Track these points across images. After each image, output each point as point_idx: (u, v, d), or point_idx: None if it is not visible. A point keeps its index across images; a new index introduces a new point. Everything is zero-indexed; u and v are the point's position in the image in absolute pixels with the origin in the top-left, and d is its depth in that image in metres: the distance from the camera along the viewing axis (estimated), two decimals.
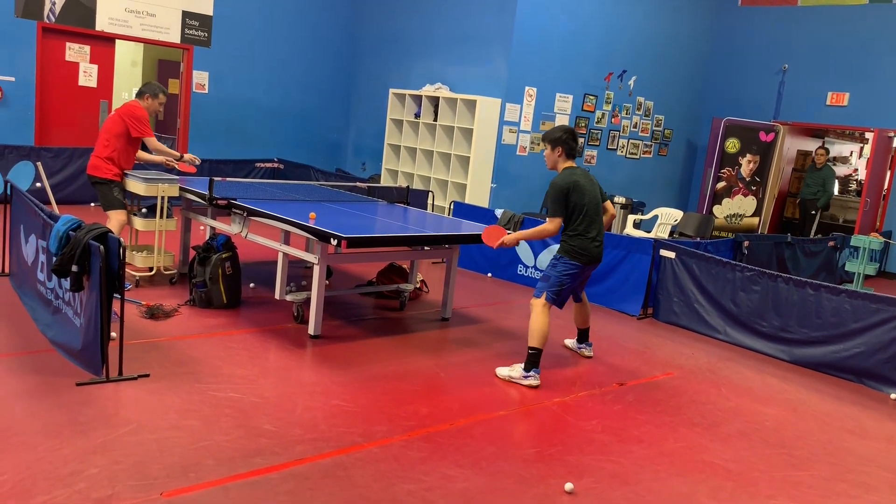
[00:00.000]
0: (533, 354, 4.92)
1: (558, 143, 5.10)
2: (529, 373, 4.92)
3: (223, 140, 11.34)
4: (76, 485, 3.11)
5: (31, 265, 5.12)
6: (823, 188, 11.57)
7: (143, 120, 6.14)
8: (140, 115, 6.14)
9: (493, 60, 10.28)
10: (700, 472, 3.92)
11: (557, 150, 5.12)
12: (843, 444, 4.51)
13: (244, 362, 4.76)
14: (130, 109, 6.14)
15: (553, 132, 5.15)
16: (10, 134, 9.55)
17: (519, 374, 4.94)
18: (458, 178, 10.38)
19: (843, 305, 5.79)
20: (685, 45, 12.31)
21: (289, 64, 11.95)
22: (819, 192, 11.55)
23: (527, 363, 4.94)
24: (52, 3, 9.71)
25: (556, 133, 5.13)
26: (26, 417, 3.68)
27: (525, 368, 4.94)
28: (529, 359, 4.93)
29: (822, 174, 11.59)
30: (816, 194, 11.56)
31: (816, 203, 11.57)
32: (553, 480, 3.63)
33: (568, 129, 5.16)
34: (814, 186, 11.62)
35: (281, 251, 5.57)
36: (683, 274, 6.78)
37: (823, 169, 11.61)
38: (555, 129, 5.17)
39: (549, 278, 5.06)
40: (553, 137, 5.13)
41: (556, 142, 5.10)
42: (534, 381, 4.90)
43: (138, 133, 6.12)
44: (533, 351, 4.92)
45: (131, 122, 6.09)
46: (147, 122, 6.19)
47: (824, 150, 11.64)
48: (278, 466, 3.47)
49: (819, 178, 11.58)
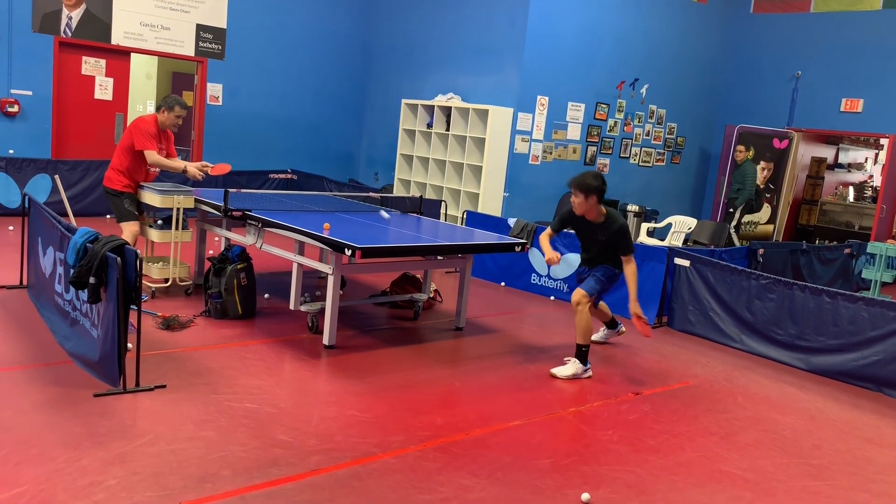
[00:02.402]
0: (585, 351, 5.36)
1: (593, 192, 5.26)
2: (587, 366, 5.37)
3: (237, 151, 11.41)
4: (95, 496, 3.13)
5: (49, 277, 5.17)
6: (742, 186, 10.97)
7: (145, 133, 6.15)
8: (144, 128, 6.17)
9: (504, 70, 10.31)
10: (717, 481, 3.90)
11: (592, 198, 5.27)
12: (862, 454, 4.47)
13: (259, 373, 4.78)
14: (137, 123, 6.22)
15: (587, 181, 5.23)
16: (28, 147, 9.66)
17: (581, 369, 5.33)
18: (471, 187, 10.39)
19: (861, 313, 5.74)
20: (697, 53, 12.29)
21: (302, 75, 12.03)
22: (739, 189, 10.98)
23: (583, 359, 5.35)
24: (68, 18, 9.83)
25: (590, 182, 5.23)
26: (45, 429, 3.71)
27: (583, 363, 5.34)
28: (583, 355, 5.35)
29: (741, 171, 11.01)
30: (737, 192, 11.01)
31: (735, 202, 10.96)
32: (569, 491, 3.61)
33: (598, 175, 5.34)
34: (734, 185, 11.09)
35: (295, 262, 5.59)
36: (698, 282, 6.75)
37: (743, 165, 11.04)
38: (586, 177, 5.27)
39: (604, 284, 5.52)
40: (589, 187, 5.23)
41: (593, 191, 5.25)
42: (590, 373, 5.40)
43: (139, 146, 6.15)
44: (585, 348, 5.35)
45: (135, 134, 6.16)
46: (148, 135, 6.16)
47: (744, 147, 11.08)
48: (294, 477, 3.47)
49: (738, 175, 11.02)
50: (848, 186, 13.79)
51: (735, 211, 11.07)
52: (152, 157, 6.22)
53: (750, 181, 11.00)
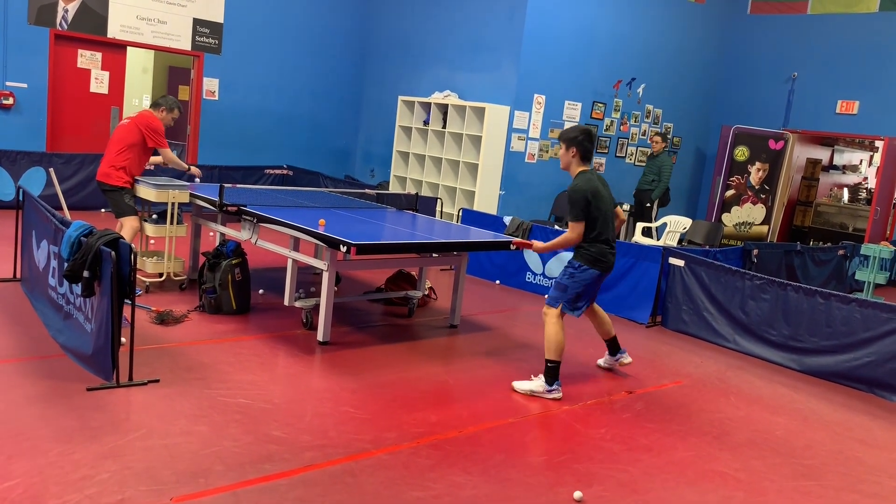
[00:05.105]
0: (552, 367, 4.78)
1: (573, 144, 4.89)
2: (553, 386, 4.79)
3: (233, 147, 11.40)
4: (87, 489, 3.13)
5: (43, 270, 5.16)
6: (658, 178, 10.45)
7: (160, 131, 6.26)
8: (157, 126, 6.25)
9: (502, 68, 10.31)
10: (709, 481, 3.91)
11: (572, 150, 4.91)
12: (853, 454, 4.49)
13: (253, 368, 4.78)
14: (147, 120, 6.20)
15: (570, 132, 4.94)
16: (23, 140, 9.62)
17: (542, 388, 4.80)
18: (467, 185, 10.39)
19: (854, 314, 5.76)
20: (694, 53, 12.31)
21: (299, 71, 12.01)
22: (654, 181, 10.46)
23: (548, 377, 4.80)
24: (64, 11, 9.79)
25: (572, 133, 4.92)
26: (37, 422, 3.70)
27: (547, 382, 4.79)
28: (549, 372, 4.79)
29: (657, 162, 10.48)
30: (652, 184, 10.49)
31: (651, 195, 10.48)
32: (562, 489, 3.62)
33: (585, 129, 4.96)
34: (649, 175, 10.49)
35: (290, 257, 5.59)
36: (692, 282, 6.77)
37: (660, 156, 10.49)
38: (572, 129, 4.96)
39: (567, 288, 4.90)
40: (569, 137, 4.91)
41: (572, 142, 4.89)
42: (557, 395, 4.79)
43: (154, 144, 6.23)
44: (552, 364, 4.78)
45: (148, 132, 6.18)
46: (162, 133, 6.30)
47: (660, 137, 10.43)
48: (287, 473, 3.47)
49: (654, 166, 10.49)
50: (843, 188, 13.84)
51: (651, 205, 10.53)
52: (168, 155, 6.39)
53: (666, 173, 10.45)
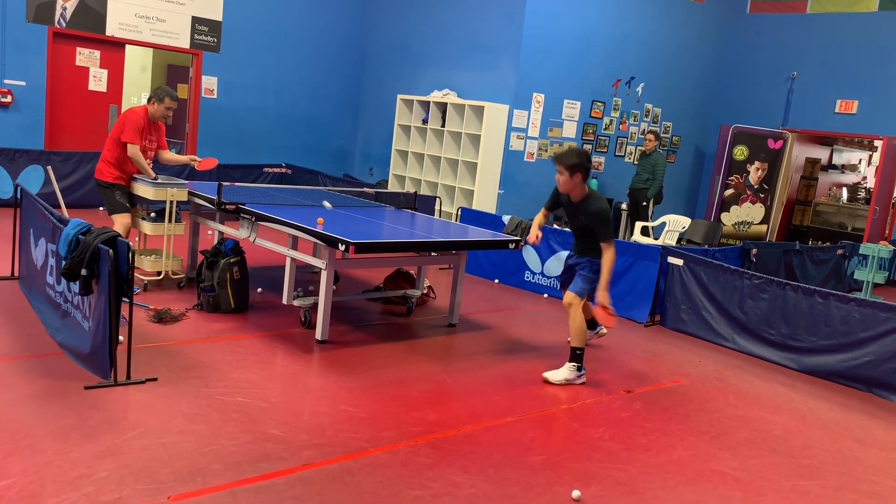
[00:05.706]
0: (580, 354, 5.15)
1: (578, 170, 4.93)
2: (582, 371, 5.17)
3: (231, 145, 11.38)
4: (84, 488, 3.12)
5: (41, 268, 5.15)
6: (653, 176, 10.49)
7: (130, 126, 6.09)
8: (133, 119, 6.12)
9: (501, 67, 10.30)
10: (708, 480, 3.91)
11: (577, 175, 4.95)
12: (851, 454, 4.49)
13: (251, 367, 4.77)
14: (126, 114, 6.20)
15: (568, 157, 4.94)
16: (21, 138, 9.61)
17: (574, 375, 5.14)
18: (466, 184, 10.39)
19: (852, 314, 5.76)
20: (693, 53, 12.31)
21: (297, 69, 12.00)
22: (649, 180, 10.51)
23: (578, 363, 5.15)
24: (62, 9, 9.77)
25: (573, 159, 4.92)
26: (35, 421, 3.69)
27: (578, 367, 5.15)
28: (577, 358, 5.14)
29: (651, 160, 10.51)
30: (647, 182, 10.53)
31: (646, 193, 10.53)
32: (560, 488, 3.62)
33: (583, 152, 5.07)
34: (643, 174, 10.60)
35: (289, 256, 5.58)
36: (691, 281, 6.76)
37: (653, 155, 10.51)
38: (569, 154, 4.97)
39: (593, 281, 5.18)
40: (572, 164, 4.91)
41: (577, 168, 4.92)
42: (584, 379, 5.19)
43: (124, 137, 6.10)
44: (580, 351, 5.14)
45: (122, 126, 6.13)
46: (135, 128, 6.11)
47: (653, 135, 10.50)
48: (285, 471, 3.47)
49: (648, 164, 10.53)
50: (841, 188, 13.85)
51: (647, 204, 10.57)
52: (133, 151, 6.13)
53: (660, 171, 10.49)
